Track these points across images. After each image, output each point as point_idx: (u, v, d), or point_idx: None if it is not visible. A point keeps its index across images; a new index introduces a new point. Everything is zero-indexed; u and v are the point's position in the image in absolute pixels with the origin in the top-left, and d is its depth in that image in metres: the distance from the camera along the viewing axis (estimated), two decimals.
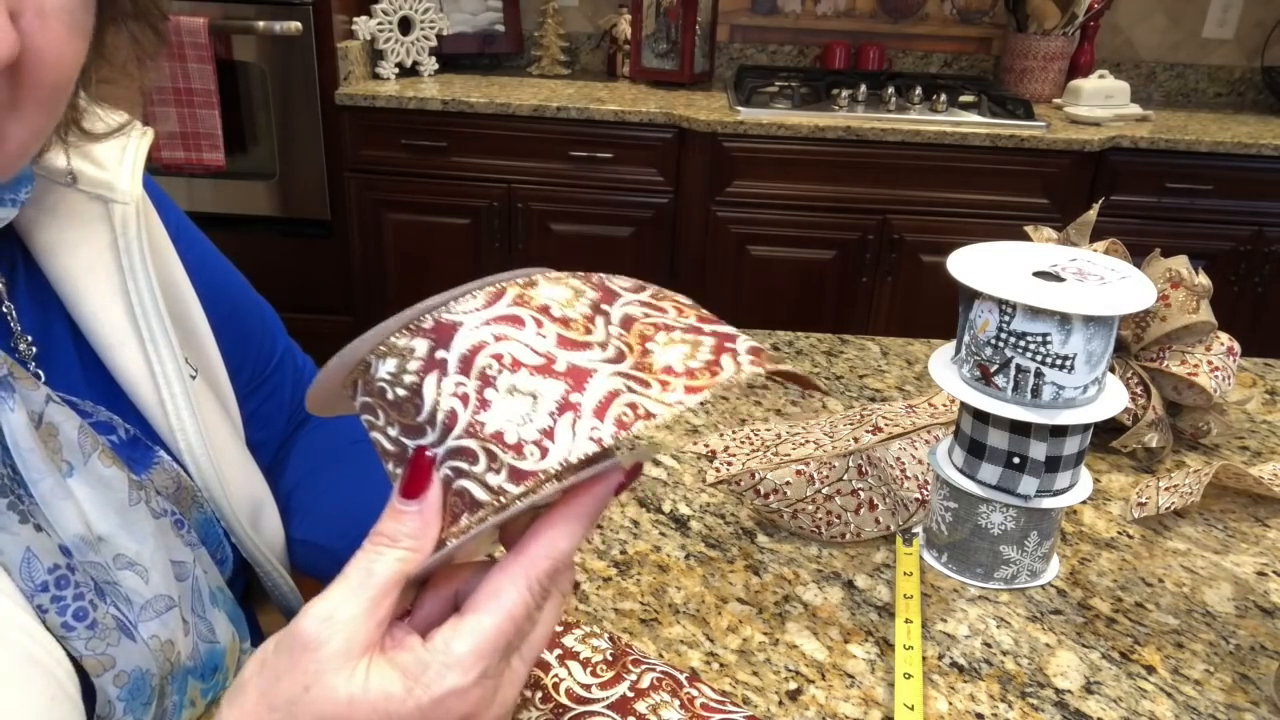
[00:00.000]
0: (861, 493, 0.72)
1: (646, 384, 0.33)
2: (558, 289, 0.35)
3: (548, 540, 0.34)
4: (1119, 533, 0.75)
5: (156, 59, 0.50)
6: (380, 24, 2.31)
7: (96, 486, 0.48)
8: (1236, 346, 0.84)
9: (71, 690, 0.45)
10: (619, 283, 0.37)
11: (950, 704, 0.57)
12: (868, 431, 0.83)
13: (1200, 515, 0.77)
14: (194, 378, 0.57)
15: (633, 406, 0.33)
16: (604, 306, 0.35)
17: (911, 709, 0.55)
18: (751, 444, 0.83)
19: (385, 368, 0.35)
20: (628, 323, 0.35)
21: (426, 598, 0.37)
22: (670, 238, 2.29)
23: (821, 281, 2.28)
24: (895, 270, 2.25)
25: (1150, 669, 0.61)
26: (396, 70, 2.37)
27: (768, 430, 0.86)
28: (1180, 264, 0.82)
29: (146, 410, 0.55)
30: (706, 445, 0.83)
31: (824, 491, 0.71)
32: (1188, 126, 2.26)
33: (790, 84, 2.30)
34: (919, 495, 0.74)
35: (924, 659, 0.60)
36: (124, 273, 0.53)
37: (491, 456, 0.33)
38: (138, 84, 0.50)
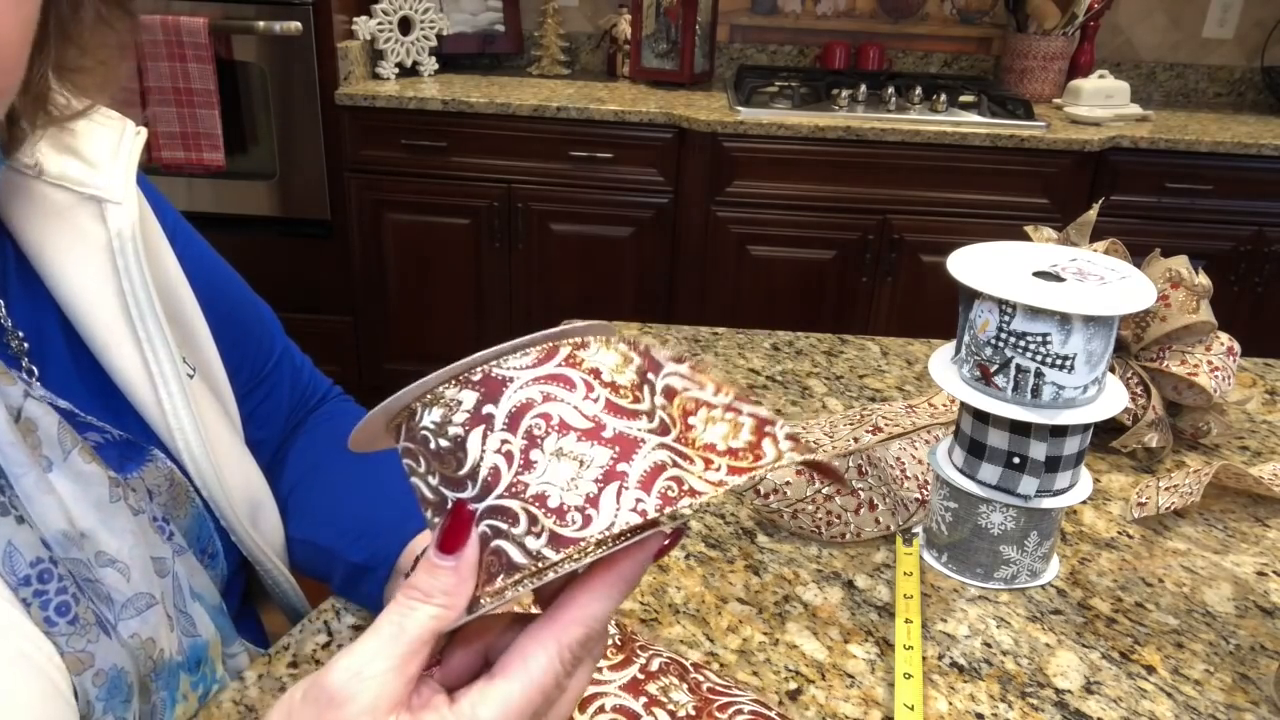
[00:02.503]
0: (861, 493, 0.72)
1: (691, 460, 0.33)
2: (608, 354, 0.35)
3: (581, 606, 0.33)
4: (1119, 533, 0.75)
5: (128, 38, 0.49)
6: (380, 24, 2.31)
7: (77, 482, 0.48)
8: (1236, 346, 0.84)
9: (64, 687, 0.45)
10: (662, 352, 0.36)
11: (950, 704, 0.57)
12: (868, 431, 0.83)
13: (1200, 515, 0.77)
14: (191, 377, 0.57)
15: (678, 481, 0.32)
16: (649, 376, 0.35)
17: (911, 709, 0.55)
18: None
19: (430, 416, 0.35)
20: (670, 394, 0.35)
21: (456, 650, 0.37)
22: (670, 238, 2.29)
23: (821, 281, 2.28)
24: (895, 270, 2.25)
25: (1150, 669, 0.61)
26: (396, 70, 2.37)
27: None
28: (1180, 264, 0.82)
29: (144, 410, 0.55)
30: None
31: (824, 491, 0.71)
32: (1188, 126, 2.26)
33: (790, 84, 2.30)
34: (919, 495, 0.74)
35: (924, 659, 0.60)
36: (119, 273, 0.53)
37: (532, 519, 0.32)
38: (113, 70, 0.50)
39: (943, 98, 2.21)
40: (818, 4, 2.60)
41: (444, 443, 0.34)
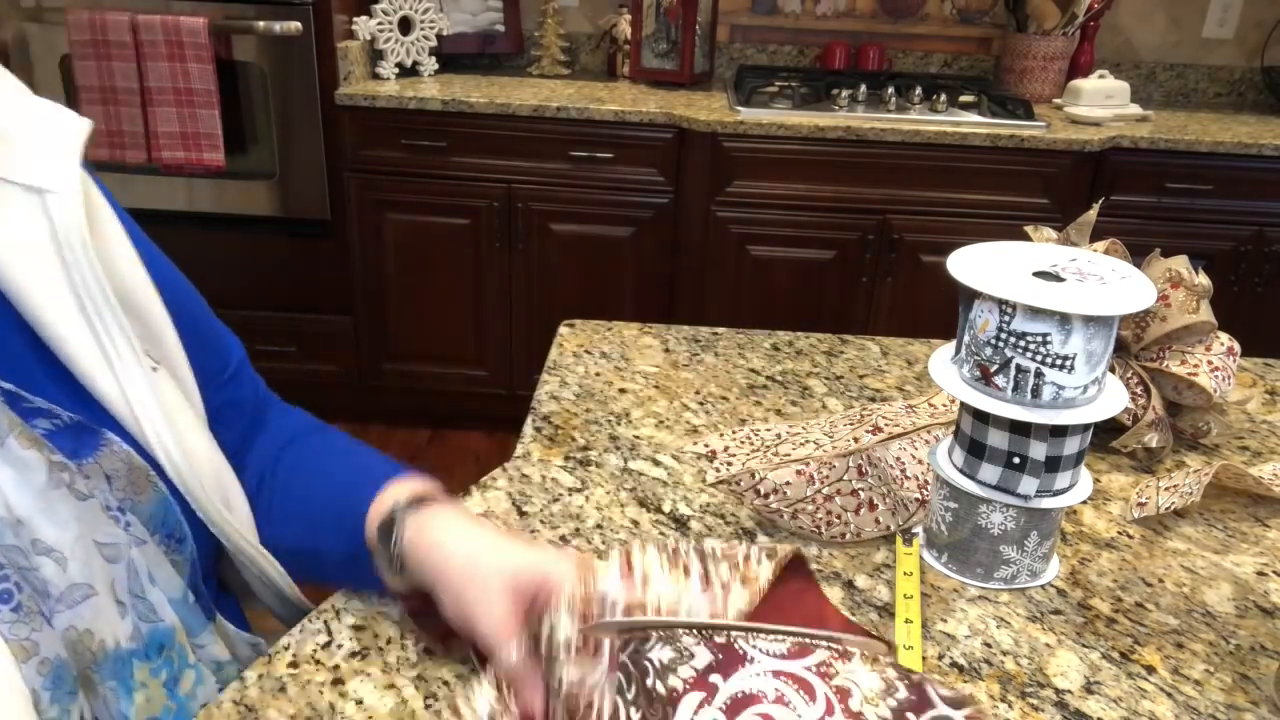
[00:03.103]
0: (861, 493, 0.72)
1: None
2: (868, 675, 0.32)
3: None
4: (1119, 533, 0.75)
5: None
6: (380, 24, 2.31)
7: (14, 468, 0.47)
8: (1236, 346, 0.84)
9: (12, 672, 0.44)
10: (942, 690, 0.32)
11: None
12: (868, 431, 0.83)
13: (1200, 515, 0.77)
14: (155, 370, 0.57)
15: None
16: (910, 716, 0.31)
17: None
18: (751, 444, 0.83)
19: (660, 653, 0.32)
20: None
21: None
22: (670, 238, 2.29)
23: (821, 281, 2.28)
24: (895, 270, 2.25)
25: (1150, 669, 0.60)
26: (396, 70, 2.37)
27: (768, 430, 0.86)
28: (1180, 264, 0.82)
29: (108, 401, 0.54)
30: (706, 445, 0.83)
31: (824, 491, 0.71)
32: (1188, 126, 2.26)
33: (790, 84, 2.30)
34: (919, 495, 0.74)
35: (924, 659, 0.60)
36: (67, 265, 0.52)
37: None
38: None
39: (943, 98, 2.21)
40: (818, 4, 2.60)
41: (660, 688, 0.32)
